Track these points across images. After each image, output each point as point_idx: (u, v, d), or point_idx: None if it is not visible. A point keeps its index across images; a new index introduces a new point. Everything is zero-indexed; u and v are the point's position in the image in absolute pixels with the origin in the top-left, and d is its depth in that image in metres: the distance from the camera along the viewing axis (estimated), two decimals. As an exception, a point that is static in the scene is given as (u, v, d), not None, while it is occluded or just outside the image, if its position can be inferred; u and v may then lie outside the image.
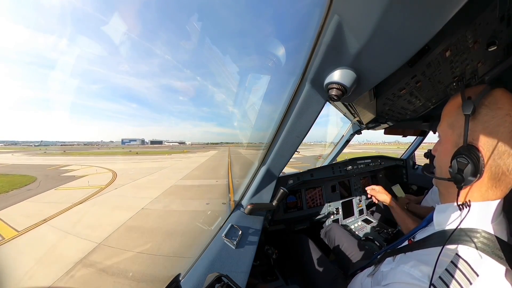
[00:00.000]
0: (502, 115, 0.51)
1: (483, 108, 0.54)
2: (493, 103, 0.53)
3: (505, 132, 0.51)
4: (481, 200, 0.57)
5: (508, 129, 0.51)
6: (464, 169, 0.54)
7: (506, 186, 0.55)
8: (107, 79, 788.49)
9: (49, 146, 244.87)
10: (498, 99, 0.53)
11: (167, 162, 27.41)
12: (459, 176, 0.55)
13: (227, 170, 20.20)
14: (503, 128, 0.51)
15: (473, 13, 0.57)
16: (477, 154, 0.53)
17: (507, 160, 0.51)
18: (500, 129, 0.51)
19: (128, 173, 18.89)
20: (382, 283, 0.62)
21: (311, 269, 1.39)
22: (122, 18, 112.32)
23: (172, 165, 25.19)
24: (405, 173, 2.95)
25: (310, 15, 0.61)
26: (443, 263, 0.52)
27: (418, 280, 0.52)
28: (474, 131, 0.55)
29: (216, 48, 24.08)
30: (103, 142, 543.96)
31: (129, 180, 15.29)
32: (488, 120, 0.53)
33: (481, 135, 0.54)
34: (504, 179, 0.53)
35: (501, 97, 0.53)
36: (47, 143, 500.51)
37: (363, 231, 2.10)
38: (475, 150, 0.53)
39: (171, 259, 4.22)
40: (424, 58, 0.75)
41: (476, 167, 0.52)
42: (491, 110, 0.53)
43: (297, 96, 0.91)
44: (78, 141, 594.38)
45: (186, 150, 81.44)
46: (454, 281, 0.48)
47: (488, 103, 0.54)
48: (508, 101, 0.53)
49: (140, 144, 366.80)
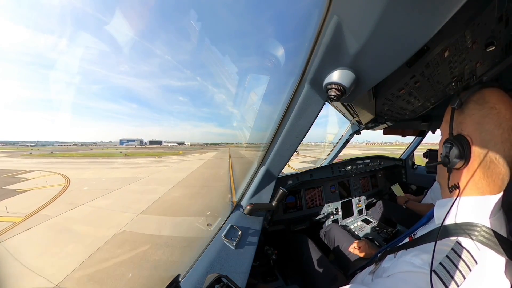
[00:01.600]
0: (488, 108, 0.57)
1: (471, 103, 0.61)
2: (480, 98, 0.59)
3: (489, 123, 0.56)
4: (477, 193, 0.60)
5: (492, 120, 0.56)
6: (449, 152, 0.61)
7: (498, 176, 0.57)
8: (107, 80, 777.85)
9: (46, 147, 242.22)
10: (486, 96, 0.59)
11: (149, 168, 20.13)
12: (446, 159, 0.63)
13: (229, 184, 12.84)
14: (488, 119, 0.56)
15: (472, 13, 0.57)
16: (464, 141, 0.59)
17: (493, 148, 0.56)
18: (485, 119, 0.57)
19: (80, 191, 13.55)
20: (384, 275, 0.63)
21: (310, 269, 1.39)
22: (122, 18, 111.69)
23: (151, 174, 17.80)
24: (404, 173, 2.96)
25: (309, 16, 0.62)
26: (444, 251, 0.53)
27: (419, 267, 0.53)
28: (462, 123, 0.62)
29: (216, 48, 23.92)
30: (102, 142, 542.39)
31: (65, 206, 10.13)
32: (475, 113, 0.59)
33: (468, 126, 0.60)
34: (494, 169, 0.57)
35: (489, 94, 0.59)
36: (43, 143, 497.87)
37: (363, 231, 2.10)
38: (462, 138, 0.60)
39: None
40: (422, 59, 0.75)
41: (460, 151, 0.59)
42: (478, 105, 0.59)
43: (296, 97, 0.91)
44: (76, 142, 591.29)
45: (181, 152, 76.96)
46: (454, 267, 0.50)
47: (476, 99, 0.60)
48: (495, 98, 0.58)
49: (139, 144, 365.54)
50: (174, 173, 17.20)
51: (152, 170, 20.59)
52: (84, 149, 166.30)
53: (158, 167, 22.34)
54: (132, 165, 27.09)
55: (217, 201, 8.60)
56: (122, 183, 14.14)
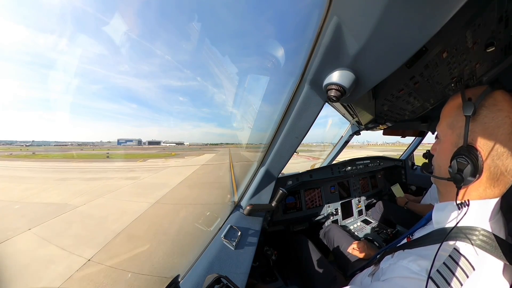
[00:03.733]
0: (502, 117, 0.52)
1: (483, 109, 0.54)
2: (493, 104, 0.54)
3: (504, 134, 0.51)
4: (478, 199, 0.58)
5: (507, 131, 0.51)
6: (464, 169, 0.54)
7: (505, 185, 0.56)
8: (107, 80, 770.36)
9: (41, 147, 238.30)
10: (498, 101, 0.54)
11: (106, 183, 12.72)
12: (459, 176, 0.55)
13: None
14: (502, 130, 0.52)
15: (472, 14, 0.57)
16: (476, 154, 0.53)
17: (505, 161, 0.52)
18: (499, 130, 0.52)
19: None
20: (381, 278, 0.63)
21: (310, 269, 1.39)
22: (122, 18, 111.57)
23: (92, 200, 9.11)
24: (404, 173, 2.96)
25: (309, 17, 0.62)
26: (441, 257, 0.53)
27: (416, 274, 0.52)
28: (474, 132, 0.55)
29: (216, 48, 23.80)
30: (101, 142, 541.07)
31: None
32: (488, 122, 0.53)
33: (480, 136, 0.54)
34: (503, 179, 0.54)
35: (501, 99, 0.54)
36: (39, 143, 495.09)
37: (363, 232, 2.10)
38: (474, 150, 0.54)
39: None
40: (422, 59, 0.75)
41: (475, 167, 0.53)
42: (491, 112, 0.53)
43: (296, 97, 0.91)
44: (74, 142, 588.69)
45: (174, 153, 67.33)
46: (451, 274, 0.49)
47: (488, 105, 0.54)
48: (508, 103, 0.53)
49: (137, 144, 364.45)
50: (130, 200, 8.84)
51: (104, 188, 11.04)
52: (75, 149, 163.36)
53: (120, 182, 12.77)
54: (89, 174, 19.29)
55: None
56: (30, 223, 6.20)
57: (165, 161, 33.05)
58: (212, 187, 10.76)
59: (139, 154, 66.75)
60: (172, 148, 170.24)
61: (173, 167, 22.42)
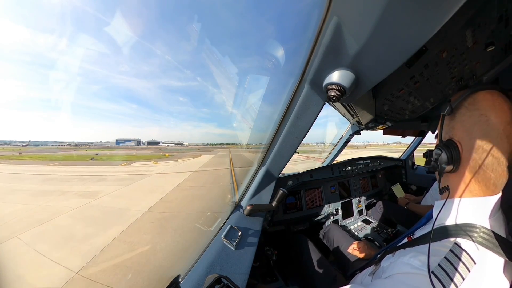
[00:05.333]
0: (478, 115, 0.58)
1: (462, 108, 0.62)
2: (472, 104, 0.60)
3: (479, 130, 0.57)
4: (470, 195, 0.61)
5: (481, 127, 0.57)
6: (439, 158, 0.63)
7: (488, 181, 0.58)
8: (107, 80, 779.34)
9: (38, 147, 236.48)
10: (477, 101, 0.59)
11: (57, 203, 8.47)
12: (435, 164, 0.65)
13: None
14: (477, 127, 0.57)
15: (471, 14, 0.57)
16: (454, 147, 0.61)
17: (482, 155, 0.57)
18: (474, 127, 0.58)
19: None
20: (383, 276, 0.63)
21: (310, 270, 1.39)
22: (122, 18, 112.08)
23: (26, 230, 5.19)
24: (404, 173, 2.96)
25: (309, 17, 0.62)
26: (442, 252, 0.53)
27: (417, 269, 0.53)
28: (454, 128, 0.63)
29: (216, 49, 23.69)
30: (101, 142, 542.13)
31: None
32: (466, 119, 0.60)
33: (459, 132, 0.62)
34: (483, 174, 0.58)
35: (481, 99, 0.59)
36: (37, 143, 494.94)
37: (363, 232, 2.10)
38: (453, 143, 0.61)
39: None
40: (422, 59, 0.75)
41: (448, 157, 0.61)
42: (468, 111, 0.60)
43: (296, 97, 0.91)
44: (73, 142, 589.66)
45: (168, 154, 60.36)
46: (453, 268, 0.50)
47: (468, 104, 0.61)
48: (486, 103, 0.58)
49: (135, 144, 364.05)
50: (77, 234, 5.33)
51: (29, 218, 6.96)
52: (70, 149, 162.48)
53: (65, 203, 8.91)
54: (44, 185, 14.73)
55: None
56: None
57: (152, 165, 28.67)
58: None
59: (129, 156, 62.44)
60: (169, 149, 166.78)
61: (156, 175, 18.46)
